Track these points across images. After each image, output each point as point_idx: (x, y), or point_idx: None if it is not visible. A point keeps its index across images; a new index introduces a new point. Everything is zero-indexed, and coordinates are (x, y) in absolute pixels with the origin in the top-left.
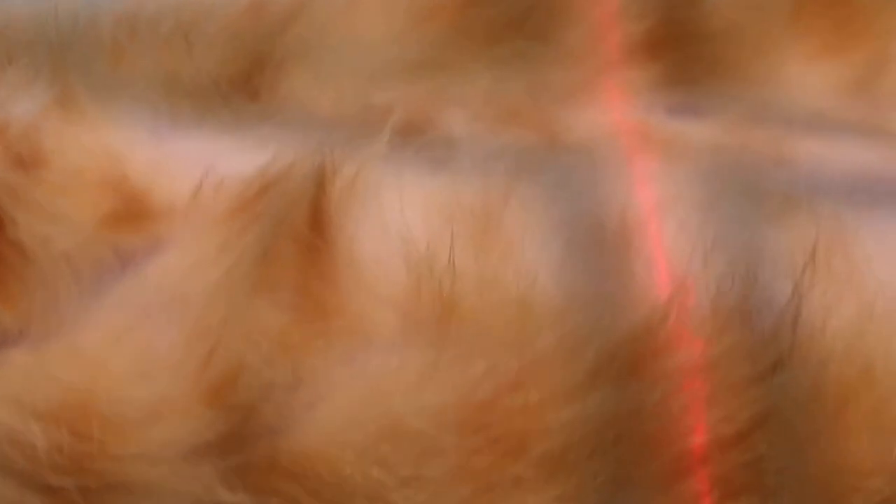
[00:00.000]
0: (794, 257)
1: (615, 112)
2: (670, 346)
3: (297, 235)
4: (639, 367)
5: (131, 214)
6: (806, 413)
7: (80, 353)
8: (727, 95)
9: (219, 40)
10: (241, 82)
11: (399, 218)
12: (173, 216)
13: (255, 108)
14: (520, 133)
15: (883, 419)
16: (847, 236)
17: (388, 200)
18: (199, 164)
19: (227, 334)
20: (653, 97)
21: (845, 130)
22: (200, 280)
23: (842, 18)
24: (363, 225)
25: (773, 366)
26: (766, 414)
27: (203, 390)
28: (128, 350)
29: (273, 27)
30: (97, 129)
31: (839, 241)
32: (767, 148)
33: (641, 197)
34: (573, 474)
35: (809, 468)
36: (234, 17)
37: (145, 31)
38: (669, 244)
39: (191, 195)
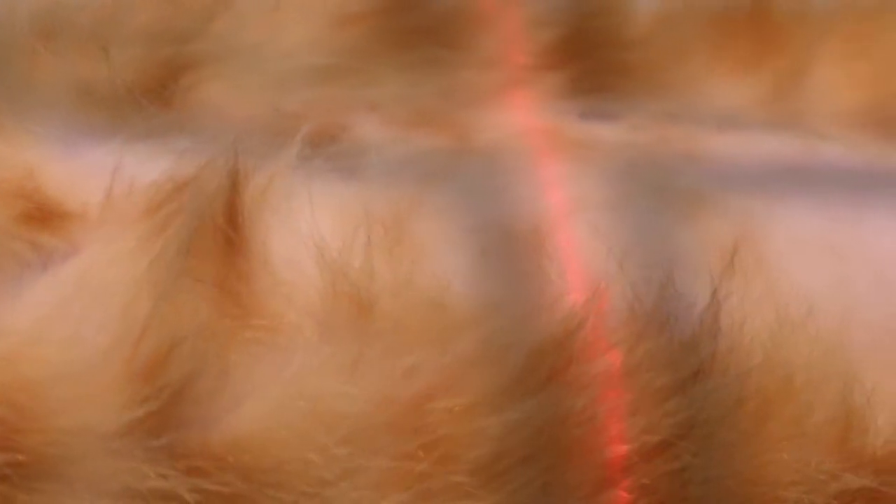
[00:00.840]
0: (710, 259)
1: (526, 116)
2: (588, 354)
3: (215, 231)
4: (559, 374)
5: (46, 217)
6: (728, 423)
7: (5, 338)
8: (640, 101)
9: (134, 47)
10: (155, 90)
11: (311, 224)
12: (88, 220)
13: (169, 116)
14: (432, 138)
15: (803, 429)
16: (761, 233)
17: (299, 208)
18: (112, 174)
19: (154, 321)
20: (564, 102)
21: (757, 127)
22: (123, 273)
23: (759, 33)
24: (275, 231)
25: (694, 374)
26: (688, 423)
27: (132, 372)
28: (54, 338)
29: (189, 33)
30: (12, 141)
31: (753, 240)
32: (679, 145)
33: (553, 200)
34: (507, 482)
35: (731, 479)
36: (149, 23)
37: (60, 36)
38: (582, 248)
39: (104, 200)
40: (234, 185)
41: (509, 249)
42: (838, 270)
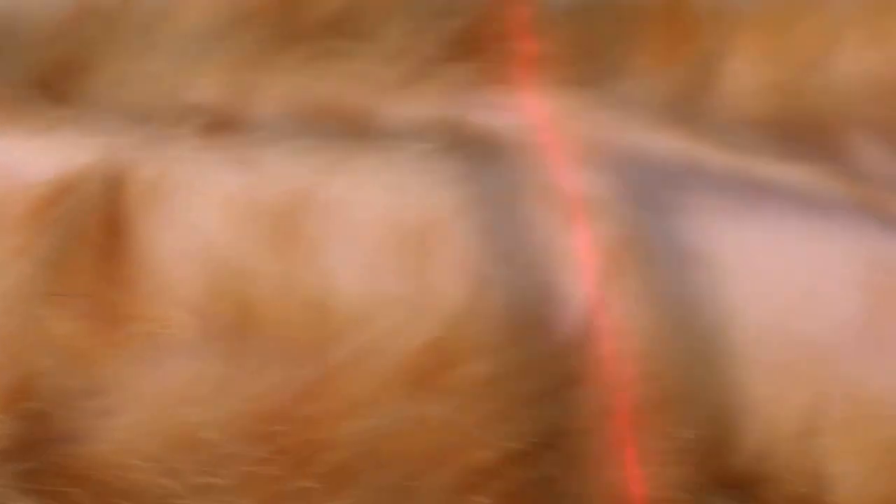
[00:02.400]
0: (591, 263)
1: (429, 107)
2: (463, 357)
3: (91, 241)
4: (429, 378)
5: None
6: (595, 434)
7: None
8: (547, 93)
9: (29, 43)
10: (49, 86)
11: (199, 219)
12: None
13: (63, 111)
14: (331, 128)
15: (672, 444)
16: (641, 238)
17: (188, 201)
18: (2, 171)
19: (20, 341)
20: (468, 94)
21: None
22: None
23: (674, 28)
24: (162, 227)
25: (565, 382)
26: (554, 432)
27: None
28: None
29: (87, 29)
30: None
31: (635, 246)
32: (574, 146)
33: (445, 197)
34: (358, 486)
35: (597, 491)
36: (44, 19)
37: None
38: (468, 247)
39: None
40: (118, 187)
41: (398, 246)
42: (717, 278)
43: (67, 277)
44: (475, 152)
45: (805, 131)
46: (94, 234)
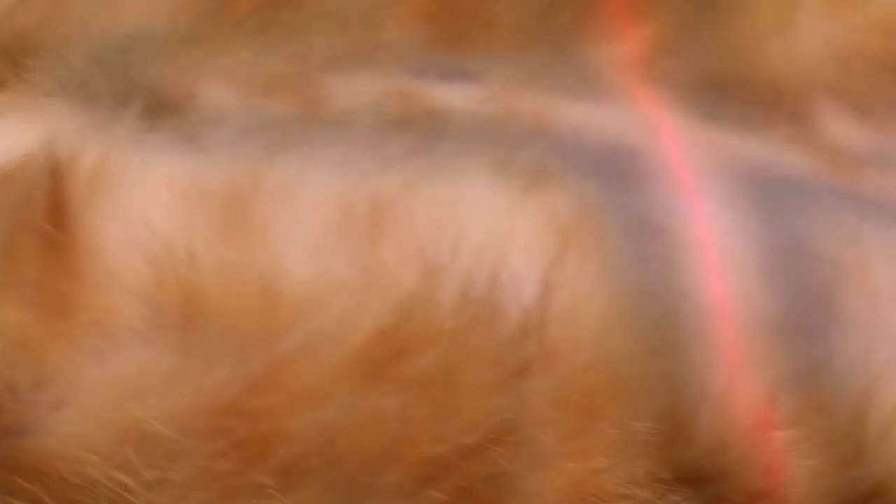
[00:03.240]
0: (543, 241)
1: (382, 78)
2: (416, 346)
3: (36, 230)
4: (381, 370)
5: None
6: (550, 427)
7: None
8: (503, 59)
9: None
10: None
11: (144, 206)
12: None
13: (4, 97)
14: (282, 106)
15: (628, 433)
16: (594, 218)
17: (133, 188)
18: None
19: None
20: (424, 60)
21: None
22: None
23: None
24: (106, 215)
25: (518, 372)
26: (508, 426)
27: None
28: None
29: (28, 14)
30: None
31: (587, 224)
32: (528, 116)
33: (393, 175)
34: (314, 481)
35: (551, 483)
36: None
37: None
38: (420, 228)
39: None
40: (60, 174)
41: (347, 228)
42: (666, 254)
43: (11, 268)
44: (431, 124)
45: (767, 97)
46: (38, 223)
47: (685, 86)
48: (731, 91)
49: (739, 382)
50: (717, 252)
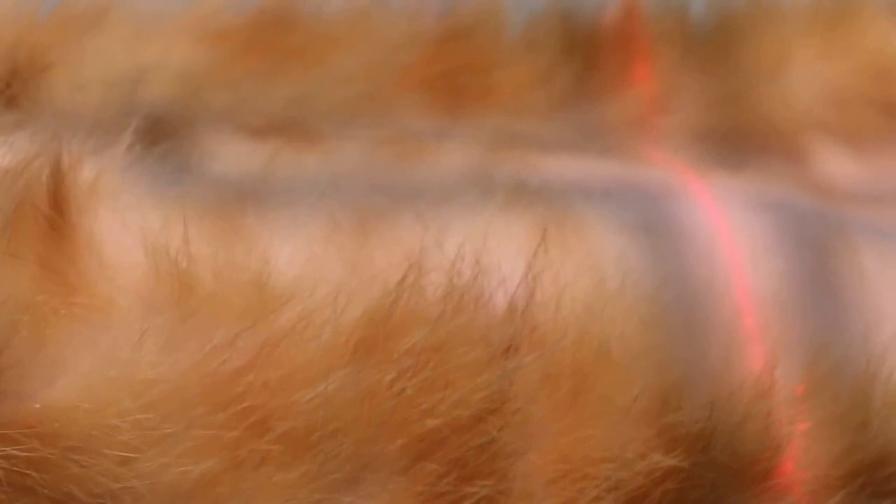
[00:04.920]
0: (527, 239)
1: (376, 130)
2: (405, 327)
3: (39, 214)
4: (374, 347)
5: None
6: (539, 399)
7: None
8: (499, 124)
9: None
10: (2, 92)
11: (137, 211)
12: None
13: (13, 115)
14: (276, 143)
15: (616, 404)
16: (575, 219)
17: (129, 195)
18: None
19: None
20: (419, 122)
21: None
22: None
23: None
24: (103, 217)
25: (507, 348)
26: (499, 398)
27: None
28: None
29: (41, 39)
30: None
31: (570, 223)
32: (508, 159)
33: (380, 196)
34: (316, 453)
35: (542, 456)
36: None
37: None
38: (404, 229)
39: None
40: (60, 175)
41: (335, 231)
42: (652, 245)
43: (16, 244)
44: (414, 163)
45: (765, 140)
46: (40, 209)
47: (688, 137)
48: (732, 137)
49: (747, 345)
50: (727, 236)
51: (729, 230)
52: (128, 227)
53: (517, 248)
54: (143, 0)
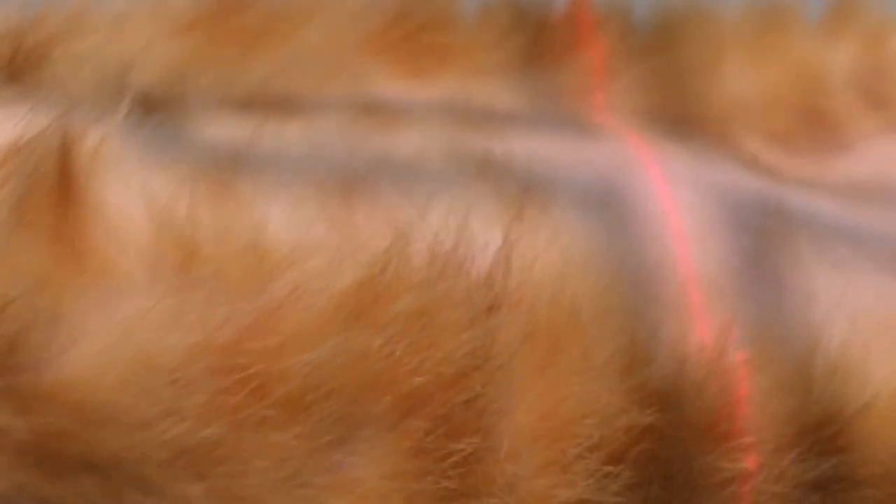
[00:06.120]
0: (503, 208)
1: (348, 96)
2: (392, 293)
3: (49, 187)
4: (364, 313)
5: None
6: (519, 357)
7: None
8: (459, 84)
9: None
10: (9, 68)
11: (142, 180)
12: None
13: (16, 89)
14: (260, 112)
15: (591, 363)
16: (542, 194)
17: (131, 165)
18: None
19: None
20: (386, 84)
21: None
22: None
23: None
24: (108, 186)
25: (487, 309)
26: (481, 356)
27: None
28: None
29: (47, 21)
30: None
31: (538, 198)
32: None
33: (360, 160)
34: (311, 414)
35: (524, 412)
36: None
37: None
38: (388, 200)
39: None
40: (67, 145)
41: (322, 198)
42: (618, 215)
43: (29, 217)
44: (387, 122)
45: (699, 123)
46: (47, 190)
47: (633, 111)
48: (672, 118)
49: (695, 319)
50: (676, 217)
51: (676, 210)
52: (132, 192)
53: (493, 218)
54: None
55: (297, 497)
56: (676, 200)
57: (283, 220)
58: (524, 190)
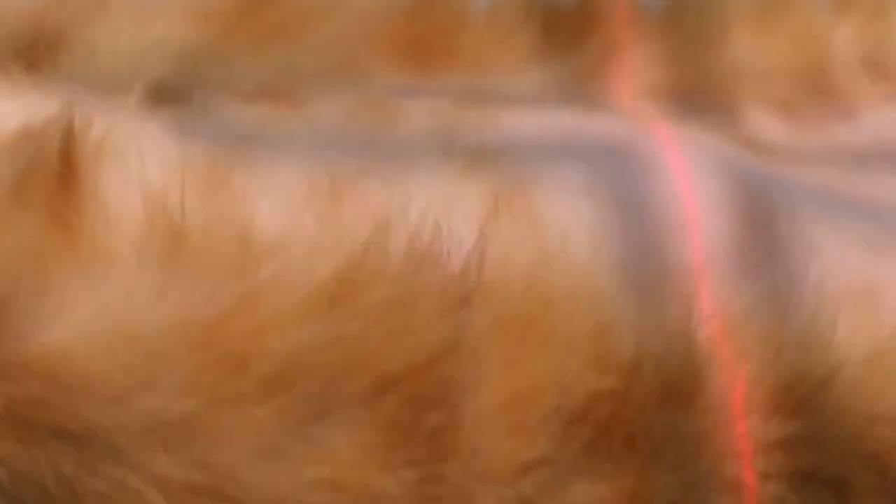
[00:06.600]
0: (480, 205)
1: (353, 92)
2: (370, 283)
3: (50, 171)
4: (342, 301)
5: None
6: (489, 342)
7: None
8: (465, 80)
9: (9, 19)
10: (24, 57)
11: (140, 170)
12: None
13: (33, 78)
14: (265, 107)
15: (558, 339)
16: (526, 187)
17: (132, 153)
18: None
19: None
20: (392, 80)
21: (549, 105)
22: None
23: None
24: (108, 173)
25: (460, 301)
26: (453, 343)
27: None
28: None
29: (63, 10)
30: None
31: (519, 191)
32: (471, 115)
33: (352, 159)
34: (289, 392)
35: (493, 390)
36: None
37: None
38: (375, 194)
39: None
40: (72, 133)
41: (313, 196)
42: (591, 212)
43: (28, 196)
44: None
45: (705, 99)
46: (47, 171)
47: (645, 92)
48: (681, 96)
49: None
50: (690, 194)
51: (690, 191)
52: (129, 182)
53: (472, 213)
54: None
55: (275, 467)
56: (689, 181)
57: (271, 211)
58: (507, 184)
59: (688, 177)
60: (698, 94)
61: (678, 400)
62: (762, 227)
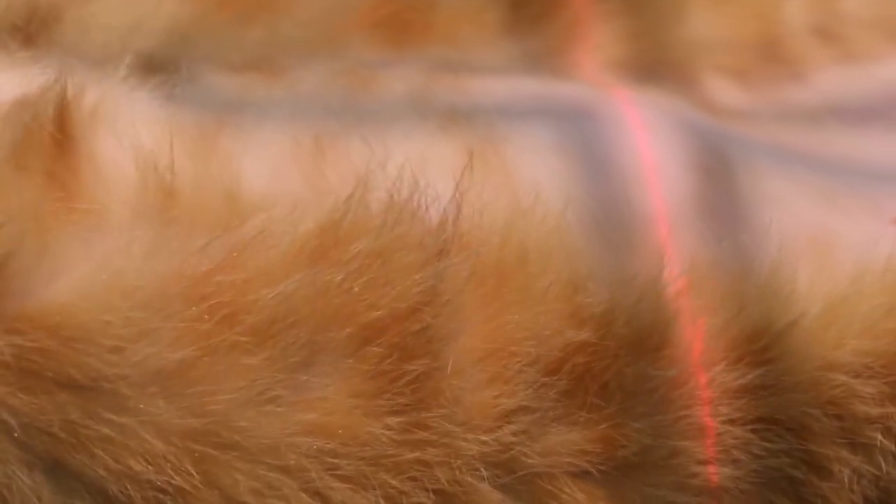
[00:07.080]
0: (456, 161)
1: (332, 63)
2: (352, 236)
3: (47, 136)
4: (326, 253)
5: None
6: (466, 293)
7: None
8: (439, 53)
9: None
10: (17, 31)
11: (131, 133)
12: None
13: (29, 53)
14: (250, 77)
15: (533, 291)
16: (498, 144)
17: (124, 118)
18: None
19: None
20: (370, 53)
21: (517, 72)
22: None
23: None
24: (101, 138)
25: (438, 253)
26: (432, 292)
27: None
28: None
29: None
30: None
31: (493, 148)
32: (444, 83)
33: (333, 121)
34: (278, 341)
35: (472, 341)
36: None
37: None
38: (352, 153)
39: None
40: (67, 101)
41: (297, 156)
42: (561, 167)
43: (27, 159)
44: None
45: (666, 68)
46: (43, 135)
47: (608, 62)
48: (643, 66)
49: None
50: (648, 152)
51: (649, 147)
52: (122, 145)
53: (448, 169)
54: None
55: (267, 413)
56: (649, 137)
57: (257, 169)
58: (481, 141)
59: (647, 133)
60: (658, 66)
61: (648, 350)
62: (721, 179)
